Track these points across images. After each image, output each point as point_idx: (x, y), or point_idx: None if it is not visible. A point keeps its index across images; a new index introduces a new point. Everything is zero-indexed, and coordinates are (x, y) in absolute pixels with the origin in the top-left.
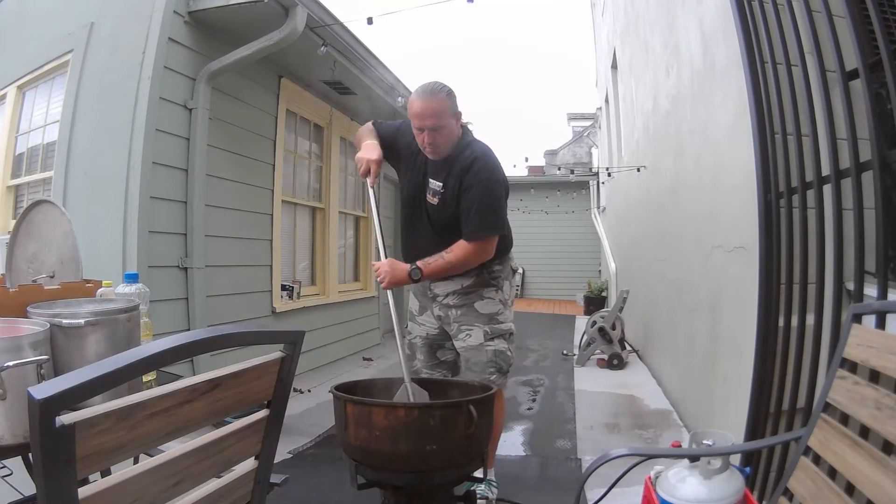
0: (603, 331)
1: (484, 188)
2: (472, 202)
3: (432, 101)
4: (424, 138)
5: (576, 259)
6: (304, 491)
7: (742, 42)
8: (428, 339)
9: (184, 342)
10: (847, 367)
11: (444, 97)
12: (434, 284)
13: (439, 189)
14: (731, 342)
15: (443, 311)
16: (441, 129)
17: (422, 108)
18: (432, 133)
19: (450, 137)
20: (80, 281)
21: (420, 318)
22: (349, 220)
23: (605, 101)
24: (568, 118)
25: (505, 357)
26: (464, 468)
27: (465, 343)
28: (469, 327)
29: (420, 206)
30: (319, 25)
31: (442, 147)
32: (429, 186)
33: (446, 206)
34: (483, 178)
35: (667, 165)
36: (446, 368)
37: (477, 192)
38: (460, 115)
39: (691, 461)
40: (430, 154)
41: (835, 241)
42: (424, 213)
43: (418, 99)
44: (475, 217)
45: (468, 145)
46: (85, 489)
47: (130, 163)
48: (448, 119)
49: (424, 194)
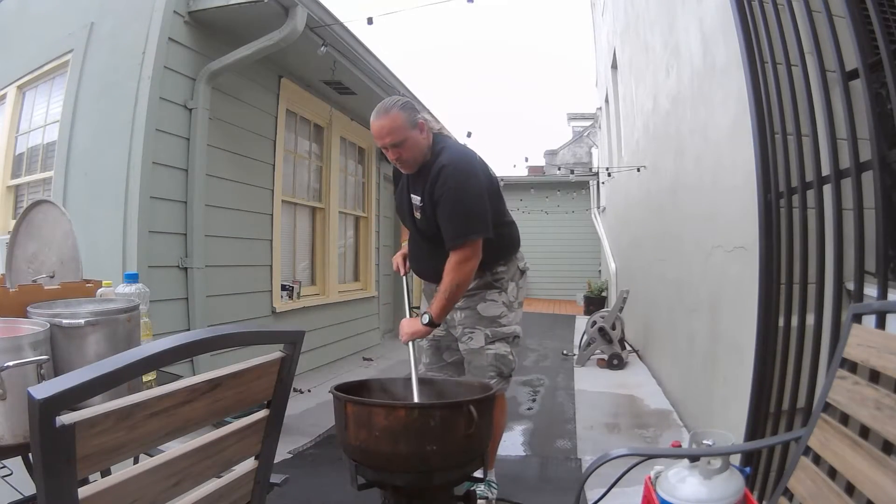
0: (603, 331)
1: (452, 198)
2: (444, 213)
3: (385, 118)
4: (390, 156)
5: (576, 259)
6: (304, 491)
7: (742, 42)
8: (434, 341)
9: (184, 342)
10: (847, 367)
11: (398, 111)
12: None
13: (419, 203)
14: (731, 342)
15: (448, 315)
16: (403, 143)
17: (378, 128)
18: (395, 149)
19: (416, 149)
20: (80, 281)
21: None
22: (349, 220)
23: (605, 101)
24: (568, 118)
25: (506, 361)
26: (464, 468)
27: (467, 346)
28: (471, 330)
29: (412, 223)
30: (319, 25)
31: (410, 161)
32: (412, 202)
33: (427, 219)
34: (450, 188)
35: (667, 165)
36: (452, 370)
37: (446, 203)
38: (424, 124)
39: (691, 461)
40: (402, 169)
41: (835, 241)
42: (415, 228)
43: (373, 119)
44: (448, 227)
45: (439, 154)
46: (85, 489)
47: (130, 163)
48: (408, 132)
49: (412, 211)
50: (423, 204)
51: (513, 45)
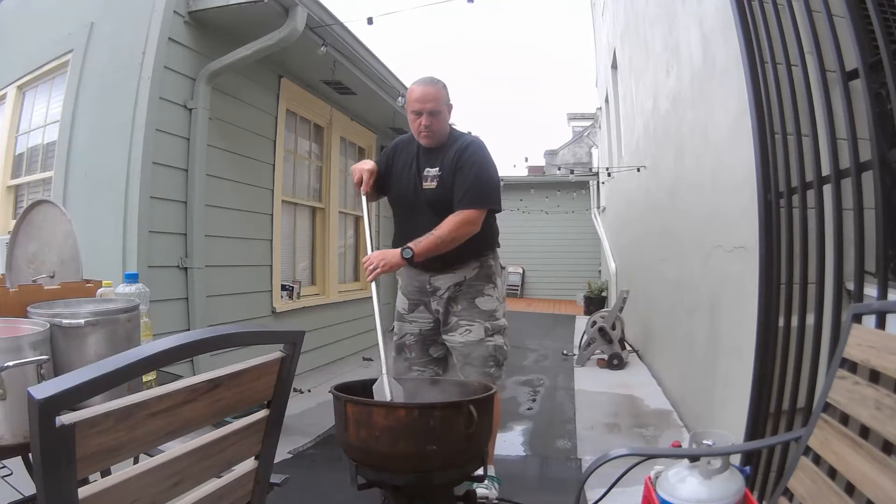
0: (603, 331)
1: (479, 167)
2: (467, 178)
3: (432, 87)
4: (422, 122)
5: (576, 259)
6: (304, 491)
7: (742, 42)
8: (421, 336)
9: (184, 342)
10: (847, 367)
11: (442, 87)
12: (434, 278)
13: (436, 174)
14: (731, 342)
15: (442, 306)
16: (438, 114)
17: (423, 93)
18: (430, 117)
19: (444, 124)
20: (80, 281)
21: (411, 315)
22: (349, 220)
23: (605, 101)
24: (568, 118)
25: (503, 351)
26: (464, 468)
27: (464, 338)
28: (470, 323)
29: (417, 197)
30: (319, 25)
31: (437, 133)
32: (424, 175)
33: (443, 189)
34: (478, 161)
35: (667, 165)
36: (437, 365)
37: (471, 170)
38: (451, 108)
39: (691, 461)
40: (425, 139)
41: (835, 241)
42: (422, 201)
43: (419, 85)
44: (466, 190)
45: (461, 135)
46: (85, 489)
47: (130, 163)
48: (444, 106)
49: (420, 185)
50: (442, 172)
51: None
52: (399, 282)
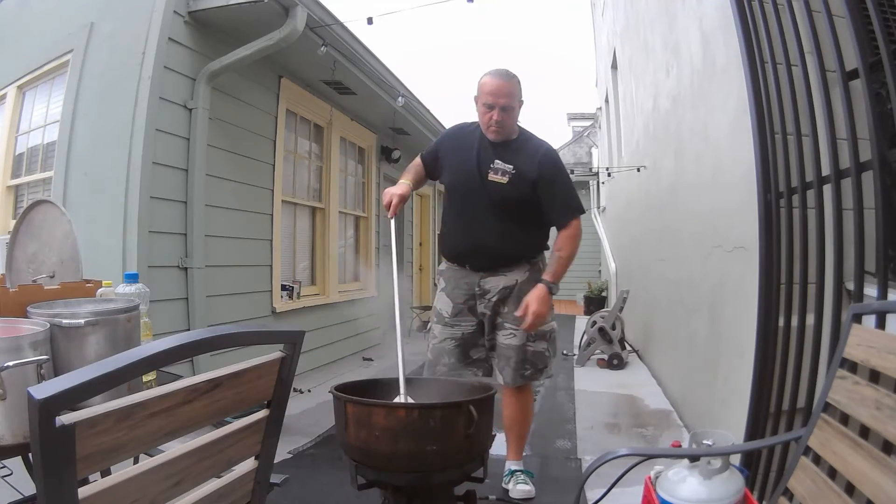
0: (603, 331)
1: (564, 176)
2: (562, 189)
3: (509, 82)
4: (493, 116)
5: (576, 259)
6: (304, 491)
7: (742, 42)
8: (462, 339)
9: (184, 342)
10: (847, 367)
11: (517, 82)
12: (485, 280)
13: (509, 169)
14: (731, 342)
15: (489, 309)
16: (511, 110)
17: (498, 86)
18: (502, 112)
19: (514, 120)
20: (80, 281)
21: (453, 319)
22: (349, 220)
23: (605, 101)
24: (568, 118)
25: (542, 357)
26: (464, 468)
27: (507, 341)
28: (515, 327)
29: (481, 188)
30: (319, 25)
31: (507, 127)
32: (492, 167)
33: (514, 186)
34: (560, 168)
35: (667, 165)
36: (478, 367)
37: (560, 180)
38: (522, 104)
39: (691, 461)
40: (493, 133)
41: (835, 241)
42: (486, 193)
43: (495, 78)
44: (566, 200)
45: (531, 136)
46: (85, 489)
47: (130, 163)
48: (516, 102)
49: (484, 176)
50: (518, 172)
51: (513, 45)
52: (441, 283)
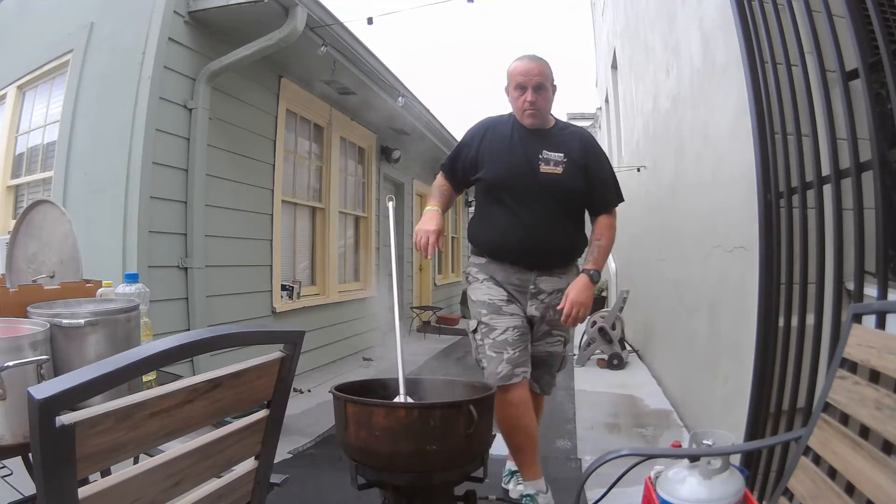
0: (603, 331)
1: (607, 158)
2: (608, 173)
3: (538, 62)
4: (527, 97)
5: None
6: (304, 491)
7: (742, 42)
8: (523, 328)
9: (184, 342)
10: (847, 367)
11: (546, 64)
12: (540, 279)
13: (562, 159)
14: (731, 342)
15: (539, 311)
16: (544, 90)
17: (527, 67)
18: (535, 92)
19: (548, 103)
20: (80, 281)
21: (508, 307)
22: (349, 220)
23: (605, 101)
24: (568, 118)
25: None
26: (464, 468)
27: (552, 349)
28: (561, 335)
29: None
30: (319, 25)
31: (542, 109)
32: (542, 157)
33: (570, 176)
34: (602, 150)
35: (667, 165)
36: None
37: (606, 162)
38: (556, 90)
39: (691, 461)
40: (529, 117)
41: (835, 241)
42: (539, 186)
43: (522, 61)
44: (614, 185)
45: (567, 123)
46: (85, 489)
47: (130, 163)
48: (549, 84)
49: (535, 168)
50: (571, 161)
51: (513, 45)
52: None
